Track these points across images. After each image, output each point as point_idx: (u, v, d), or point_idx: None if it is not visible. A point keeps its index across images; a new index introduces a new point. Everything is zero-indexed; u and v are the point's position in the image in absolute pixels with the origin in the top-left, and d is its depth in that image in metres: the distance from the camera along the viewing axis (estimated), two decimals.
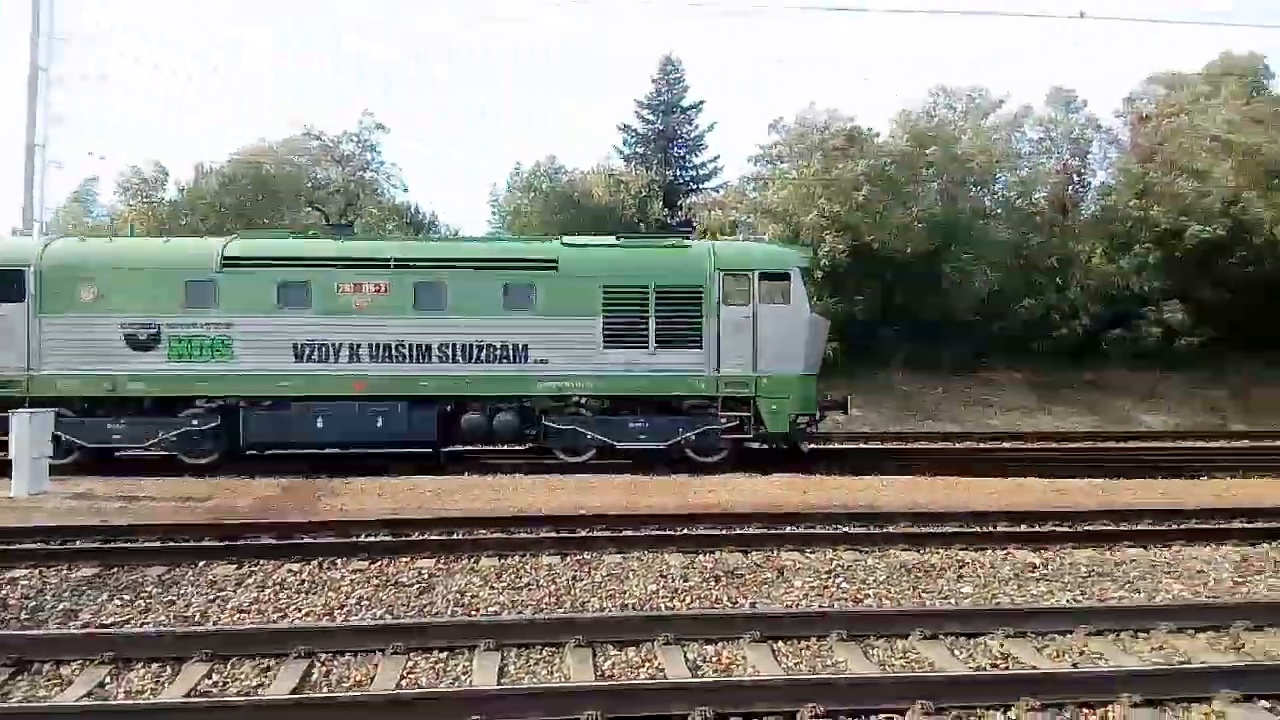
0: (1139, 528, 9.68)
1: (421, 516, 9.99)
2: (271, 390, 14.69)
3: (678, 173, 36.81)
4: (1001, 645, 6.17)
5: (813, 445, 16.57)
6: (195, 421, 14.65)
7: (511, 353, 14.93)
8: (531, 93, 64.99)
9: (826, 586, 7.61)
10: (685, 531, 9.37)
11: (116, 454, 15.20)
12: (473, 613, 6.92)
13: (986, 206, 30.57)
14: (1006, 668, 5.82)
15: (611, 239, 16.78)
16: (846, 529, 9.44)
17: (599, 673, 5.66)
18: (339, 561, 8.14)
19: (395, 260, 15.12)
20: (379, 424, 14.65)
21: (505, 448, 16.41)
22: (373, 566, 8.02)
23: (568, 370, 14.95)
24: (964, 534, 9.24)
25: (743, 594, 7.40)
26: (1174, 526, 9.73)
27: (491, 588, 7.47)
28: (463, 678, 5.60)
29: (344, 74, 66.35)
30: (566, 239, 16.31)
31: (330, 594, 7.29)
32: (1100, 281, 28.25)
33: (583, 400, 15.04)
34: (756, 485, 12.99)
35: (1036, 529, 9.68)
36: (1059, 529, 9.67)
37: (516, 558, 8.29)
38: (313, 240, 16.47)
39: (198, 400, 14.69)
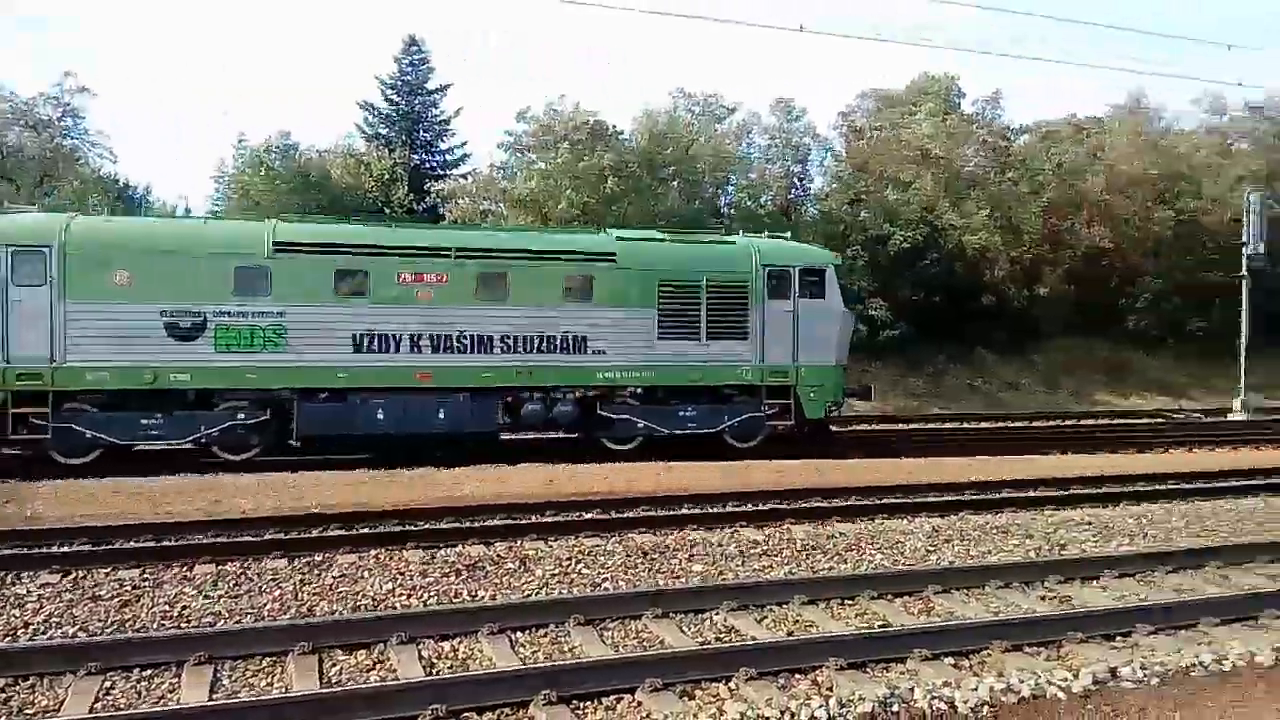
0: (849, 504, 10.69)
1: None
2: (330, 382, 14.08)
3: (424, 157, 35.81)
4: (725, 619, 6.56)
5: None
6: (241, 415, 13.78)
7: (571, 343, 15.06)
8: (266, 63, 60.51)
9: (567, 574, 7.73)
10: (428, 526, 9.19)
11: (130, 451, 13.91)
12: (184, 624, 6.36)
13: (721, 208, 32.32)
14: (728, 641, 6.18)
15: (658, 233, 17.43)
16: (589, 515, 9.67)
17: (325, 679, 5.39)
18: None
19: (457, 250, 14.77)
20: (441, 414, 14.45)
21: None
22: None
23: (625, 360, 15.23)
24: (697, 515, 9.75)
25: (483, 587, 7.34)
26: (876, 502, 10.85)
27: (206, 597, 6.91)
28: (169, 695, 5.12)
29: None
30: (618, 232, 16.44)
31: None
32: None
33: (638, 390, 15.37)
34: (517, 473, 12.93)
35: (760, 507, 10.40)
36: (780, 506, 10.43)
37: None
38: (370, 226, 15.73)
39: (243, 392, 13.80)
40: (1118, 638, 6.25)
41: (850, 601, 7.02)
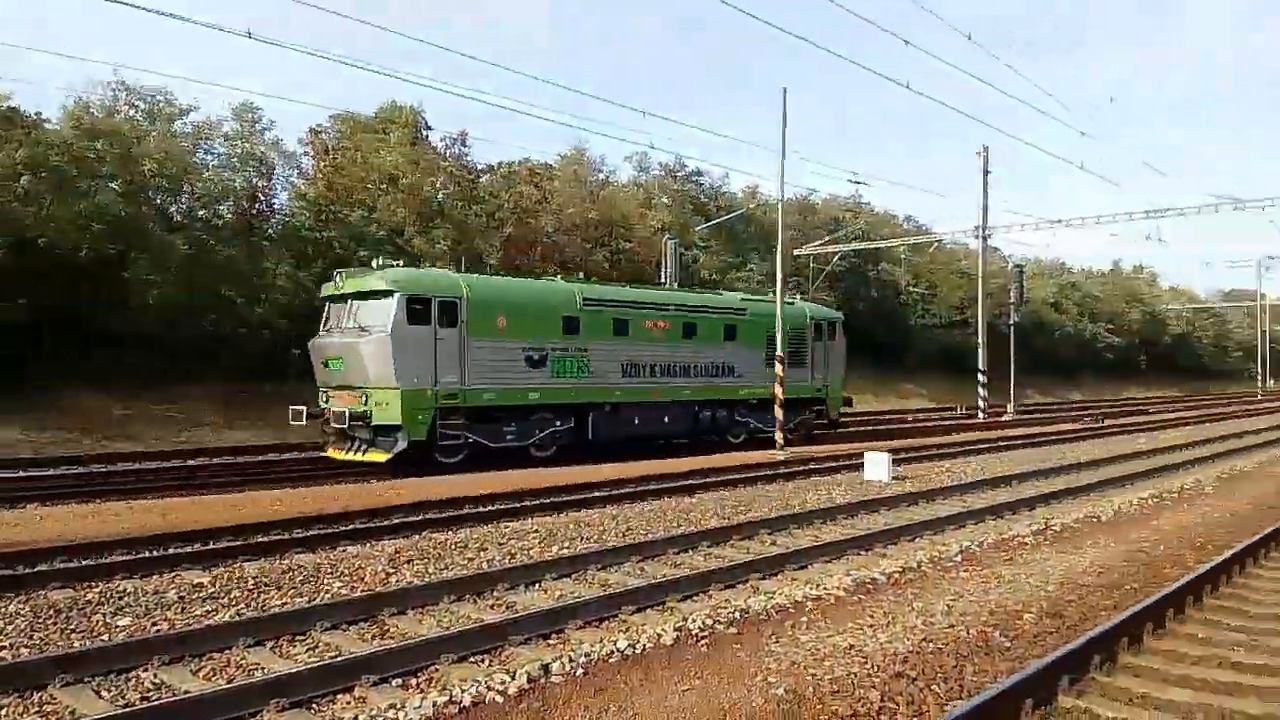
0: (310, 534, 10.27)
1: None
2: (611, 398, 19.79)
3: None
4: (155, 676, 5.83)
5: None
6: (558, 423, 18.96)
7: (726, 370, 22.18)
8: None
9: None
10: None
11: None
12: None
13: (173, 215, 29.21)
14: (159, 702, 5.50)
15: (759, 297, 25.35)
16: None
17: None
18: None
19: (674, 306, 21.61)
20: (665, 420, 20.98)
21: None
22: None
23: (751, 382, 22.52)
24: (128, 562, 8.58)
25: None
26: (340, 529, 10.58)
27: None
28: None
29: None
30: (743, 296, 25.61)
31: None
32: (289, 296, 29.23)
33: (754, 401, 22.66)
34: None
35: (211, 546, 9.51)
36: (234, 544, 9.65)
37: None
38: (629, 289, 22.29)
39: (564, 406, 19.07)
40: (553, 636, 6.88)
41: (302, 637, 6.72)
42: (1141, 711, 5.29)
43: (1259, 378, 71.81)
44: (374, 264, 18.03)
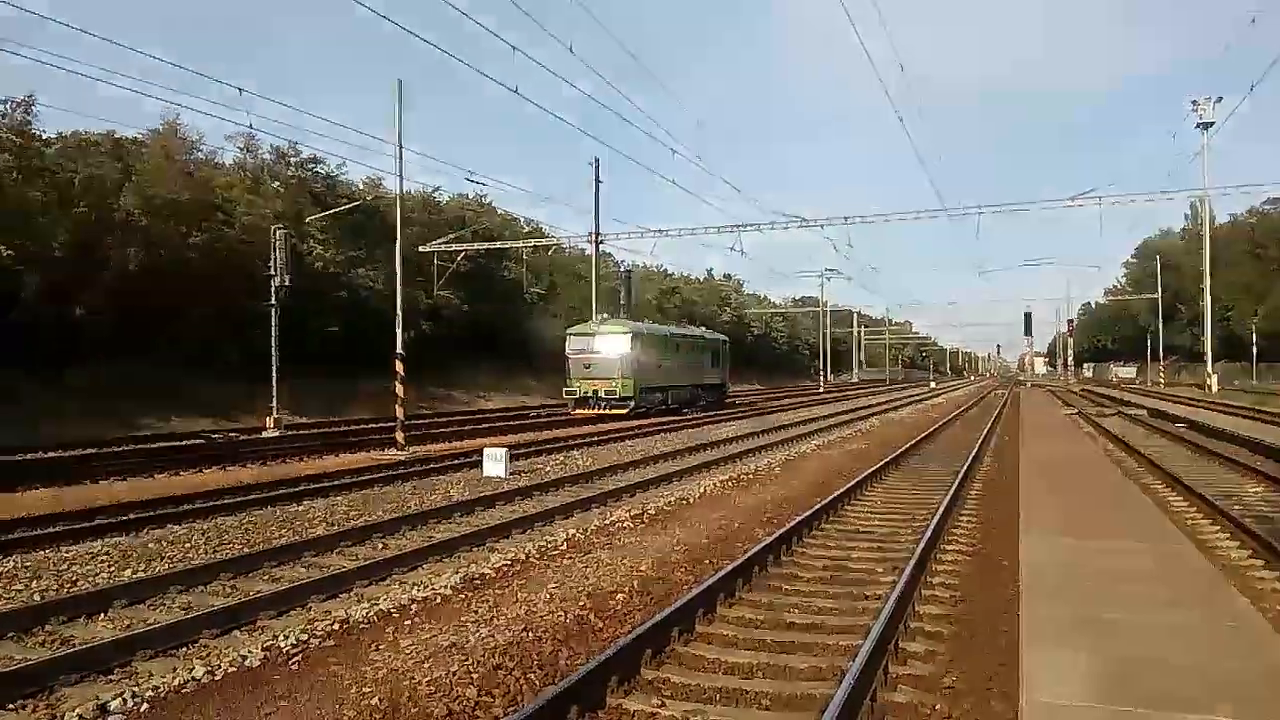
0: None
1: None
2: (672, 383, 38.44)
3: None
4: None
5: None
6: (659, 395, 37.03)
7: (697, 371, 41.46)
8: None
9: None
10: None
11: None
12: None
13: None
14: None
15: (703, 331, 47.94)
16: None
17: None
18: None
19: (683, 336, 41.38)
20: (684, 396, 39.30)
21: None
22: None
23: (706, 378, 42.23)
24: None
25: None
26: None
27: None
28: None
29: None
30: (701, 331, 47.97)
31: None
32: None
33: (707, 385, 42.41)
34: None
35: None
36: None
37: None
38: (675, 330, 41.73)
39: (664, 387, 38.02)
40: (116, 670, 6.05)
41: None
42: (714, 676, 5.88)
43: (822, 374, 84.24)
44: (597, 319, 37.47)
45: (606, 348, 34.04)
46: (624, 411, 32.78)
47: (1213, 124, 43.80)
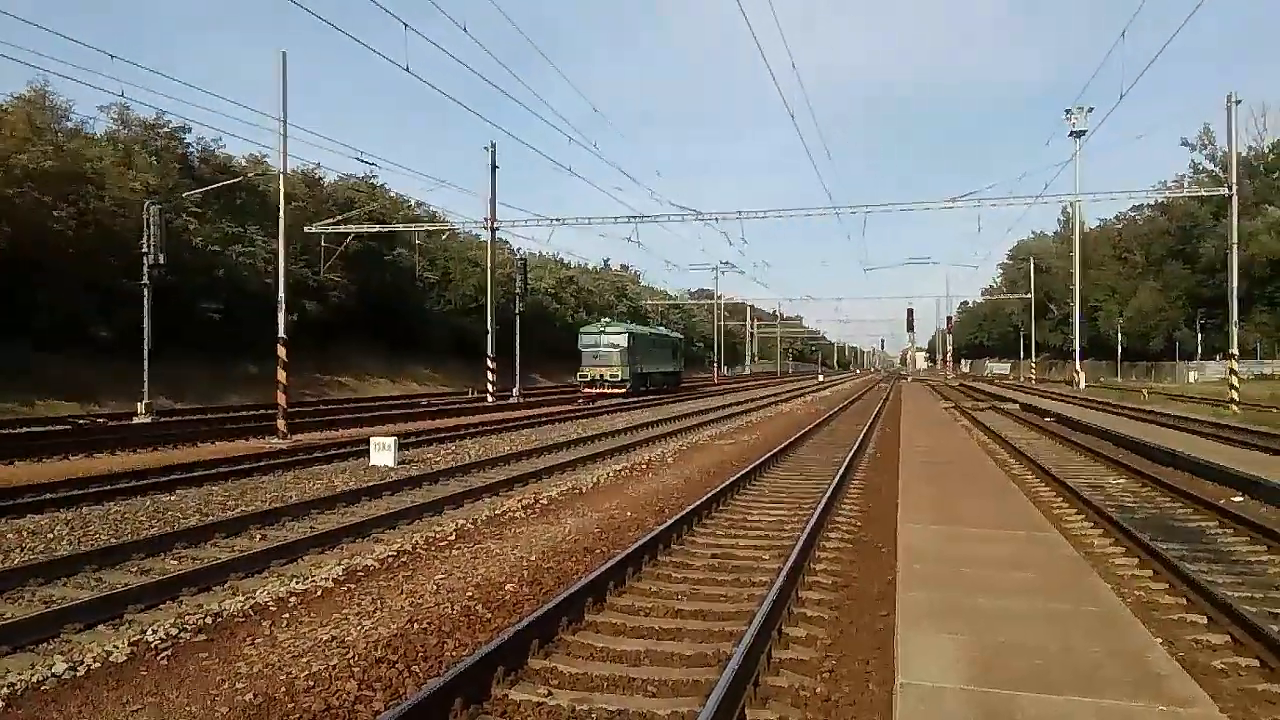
0: None
1: None
2: (650, 370, 53.01)
3: None
4: None
5: None
6: (646, 382, 50.73)
7: (664, 361, 55.14)
8: None
9: None
10: None
11: None
12: None
13: None
14: None
15: (665, 330, 66.96)
16: None
17: None
18: None
19: (655, 334, 57.36)
20: (659, 383, 53.84)
21: None
22: None
23: (669, 367, 56.59)
24: None
25: None
26: None
27: None
28: None
29: None
30: (665, 330, 69.03)
31: None
32: None
33: (668, 373, 55.95)
34: None
35: None
36: None
37: None
38: (650, 330, 58.90)
39: (648, 373, 51.91)
40: None
41: None
42: (601, 664, 5.88)
43: (716, 365, 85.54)
44: (601, 322, 50.61)
45: (609, 343, 44.86)
46: (622, 391, 43.40)
47: (1084, 132, 46.38)
